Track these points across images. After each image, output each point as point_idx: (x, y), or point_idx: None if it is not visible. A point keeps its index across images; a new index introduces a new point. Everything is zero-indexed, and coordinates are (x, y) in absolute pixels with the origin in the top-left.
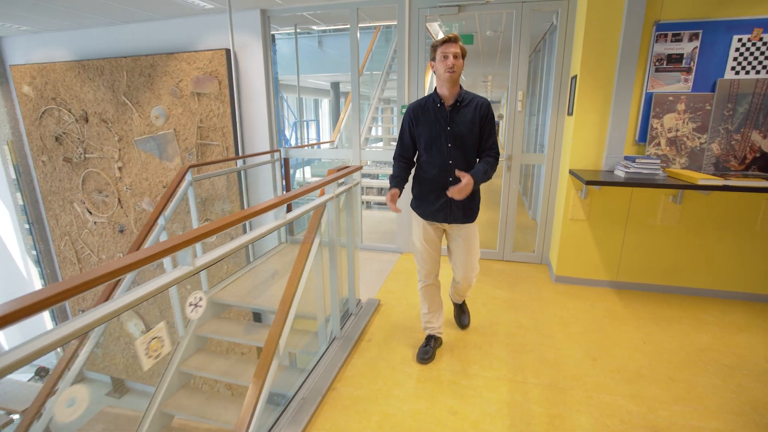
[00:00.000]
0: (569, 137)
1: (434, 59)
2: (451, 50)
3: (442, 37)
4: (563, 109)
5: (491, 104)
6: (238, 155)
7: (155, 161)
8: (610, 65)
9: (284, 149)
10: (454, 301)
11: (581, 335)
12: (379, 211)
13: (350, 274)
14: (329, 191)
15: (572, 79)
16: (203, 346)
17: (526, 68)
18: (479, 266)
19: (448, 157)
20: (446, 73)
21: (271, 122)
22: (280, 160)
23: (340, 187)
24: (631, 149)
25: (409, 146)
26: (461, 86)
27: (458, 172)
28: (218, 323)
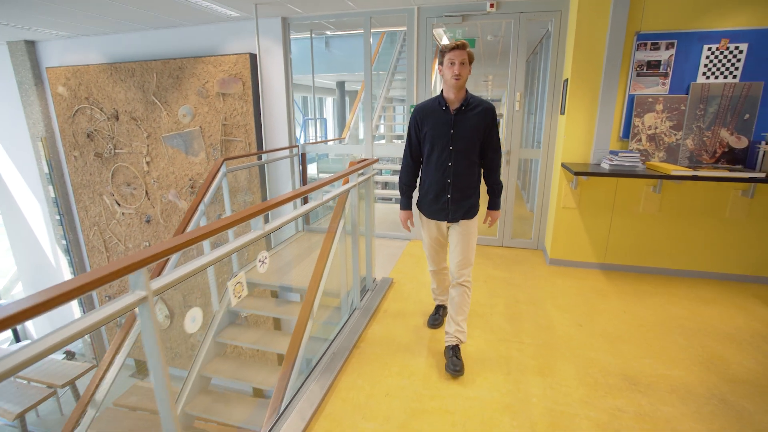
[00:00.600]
0: (562, 134)
1: (442, 63)
2: (458, 57)
3: (450, 43)
4: (557, 108)
5: (494, 106)
6: (260, 150)
7: (181, 156)
8: (597, 70)
9: (301, 145)
10: (448, 342)
11: (570, 307)
12: (383, 204)
13: (367, 255)
14: (352, 180)
15: (564, 82)
16: (234, 320)
17: (523, 72)
18: (474, 261)
19: (448, 159)
20: (452, 79)
21: (289, 120)
22: (297, 155)
23: (360, 177)
24: (616, 144)
25: (416, 146)
26: (467, 90)
27: (488, 212)
28: (247, 300)
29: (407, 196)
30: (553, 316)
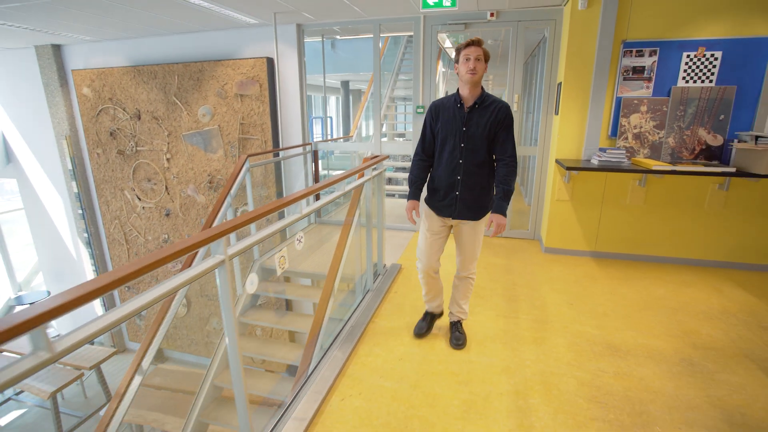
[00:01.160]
0: (556, 132)
1: (458, 61)
2: (473, 53)
3: (466, 40)
4: (551, 109)
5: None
6: (276, 148)
7: (200, 153)
8: (587, 74)
9: (314, 142)
10: (452, 319)
11: (563, 289)
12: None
13: (379, 243)
14: (367, 174)
15: (558, 85)
16: (255, 303)
17: (521, 75)
18: (477, 257)
19: (459, 156)
20: (467, 74)
21: (303, 119)
22: (310, 152)
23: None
24: (605, 142)
25: (430, 142)
26: (483, 88)
27: (493, 215)
28: (266, 285)
29: (417, 187)
30: (546, 296)
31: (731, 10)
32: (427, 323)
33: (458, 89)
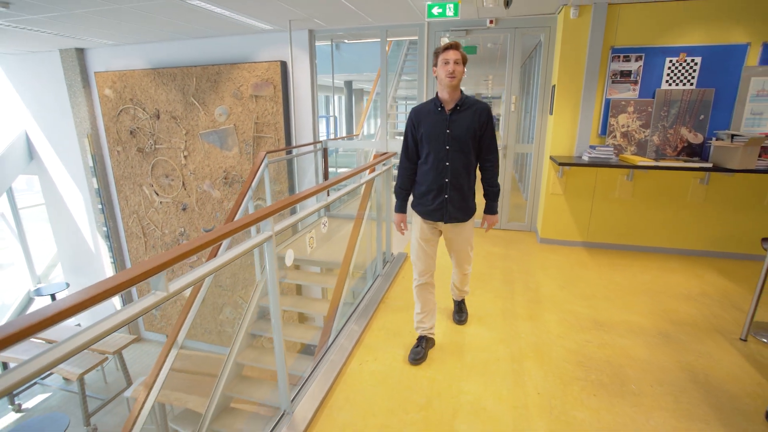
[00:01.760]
0: (550, 131)
1: (436, 65)
2: (452, 56)
3: (444, 43)
4: (546, 109)
5: (491, 106)
6: (288, 146)
7: (216, 151)
8: (579, 78)
9: (324, 141)
10: (454, 297)
11: (556, 274)
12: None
13: (387, 233)
14: (378, 169)
15: (552, 87)
16: None
17: (518, 77)
18: (473, 257)
19: (445, 159)
20: (447, 78)
21: (314, 119)
22: (320, 149)
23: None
24: (595, 140)
25: (413, 148)
26: (462, 91)
27: (485, 216)
28: (283, 271)
29: (402, 199)
30: (541, 281)
31: (709, 19)
32: (423, 348)
33: (437, 93)
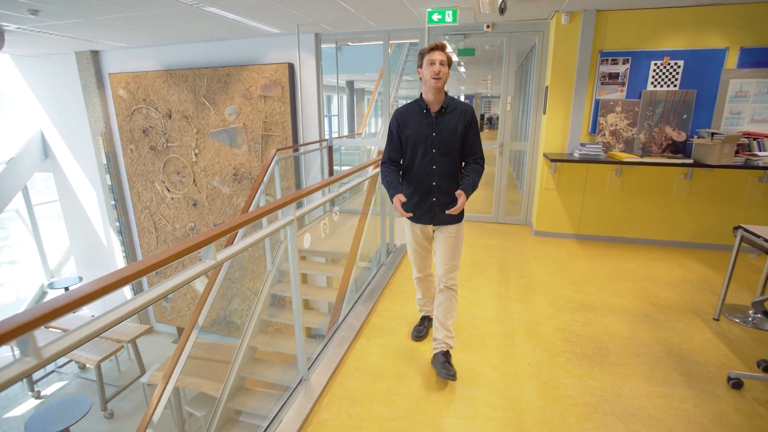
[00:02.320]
0: (544, 129)
1: (421, 66)
2: (437, 57)
3: (429, 44)
4: (540, 109)
5: (489, 105)
6: (295, 144)
7: (226, 148)
8: (570, 79)
9: (329, 139)
10: (435, 347)
11: (548, 263)
12: None
13: (390, 225)
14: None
15: (546, 88)
16: (282, 278)
17: (513, 79)
18: (459, 266)
19: (432, 162)
20: (432, 79)
21: (320, 118)
22: (325, 147)
23: None
24: (586, 138)
25: (398, 149)
26: (446, 93)
27: (457, 192)
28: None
29: (397, 182)
30: (533, 269)
31: (690, 25)
32: (425, 327)
33: (421, 94)
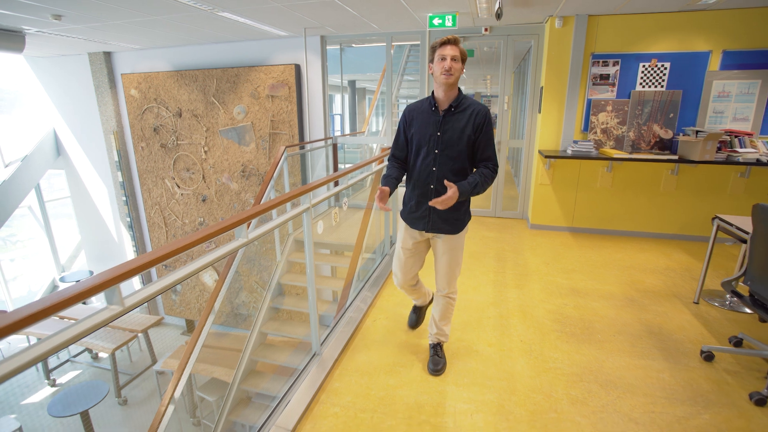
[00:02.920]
0: (539, 128)
1: (432, 61)
2: (449, 52)
3: (441, 38)
4: (536, 108)
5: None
6: (302, 141)
7: (234, 146)
8: (563, 80)
9: (334, 137)
10: (430, 340)
11: (542, 254)
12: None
13: (394, 218)
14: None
15: (541, 88)
16: (290, 269)
17: (511, 80)
18: (459, 274)
19: (433, 163)
20: (442, 75)
21: (325, 117)
22: (330, 145)
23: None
24: (578, 135)
25: (403, 147)
26: (460, 90)
27: (447, 182)
28: (299, 254)
29: (392, 177)
30: (528, 259)
31: (676, 30)
32: (417, 315)
33: (433, 91)
